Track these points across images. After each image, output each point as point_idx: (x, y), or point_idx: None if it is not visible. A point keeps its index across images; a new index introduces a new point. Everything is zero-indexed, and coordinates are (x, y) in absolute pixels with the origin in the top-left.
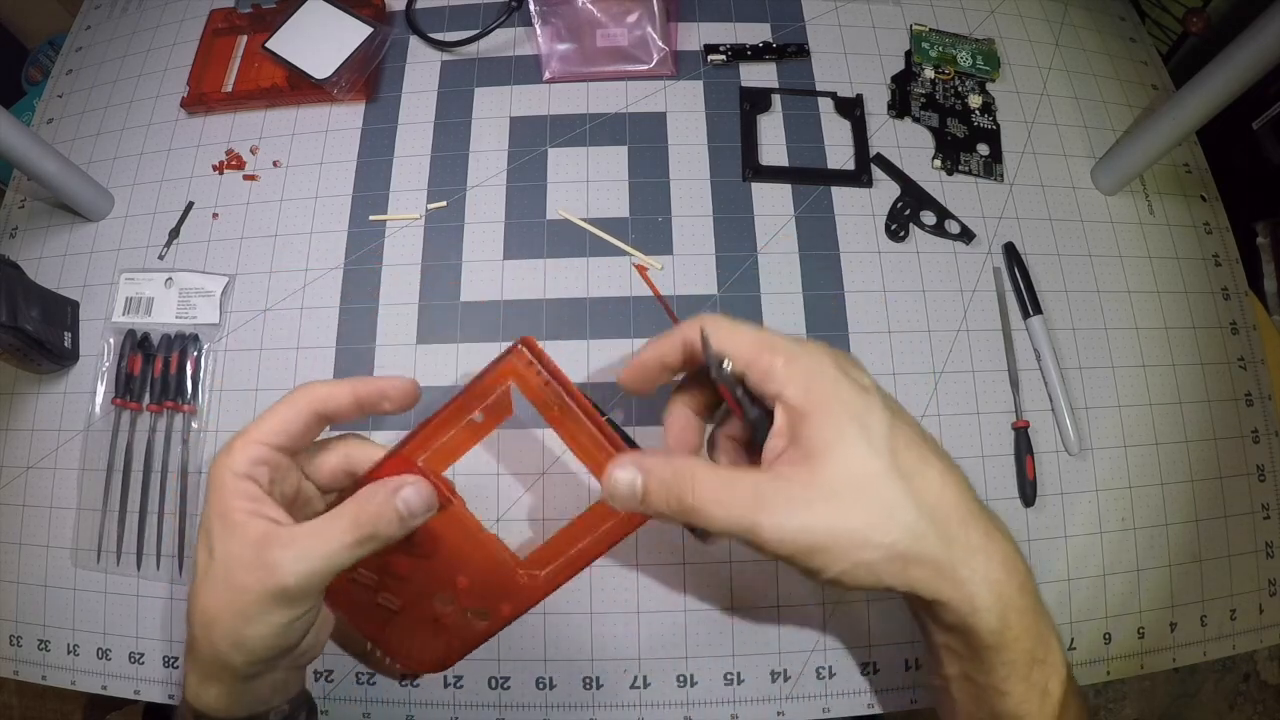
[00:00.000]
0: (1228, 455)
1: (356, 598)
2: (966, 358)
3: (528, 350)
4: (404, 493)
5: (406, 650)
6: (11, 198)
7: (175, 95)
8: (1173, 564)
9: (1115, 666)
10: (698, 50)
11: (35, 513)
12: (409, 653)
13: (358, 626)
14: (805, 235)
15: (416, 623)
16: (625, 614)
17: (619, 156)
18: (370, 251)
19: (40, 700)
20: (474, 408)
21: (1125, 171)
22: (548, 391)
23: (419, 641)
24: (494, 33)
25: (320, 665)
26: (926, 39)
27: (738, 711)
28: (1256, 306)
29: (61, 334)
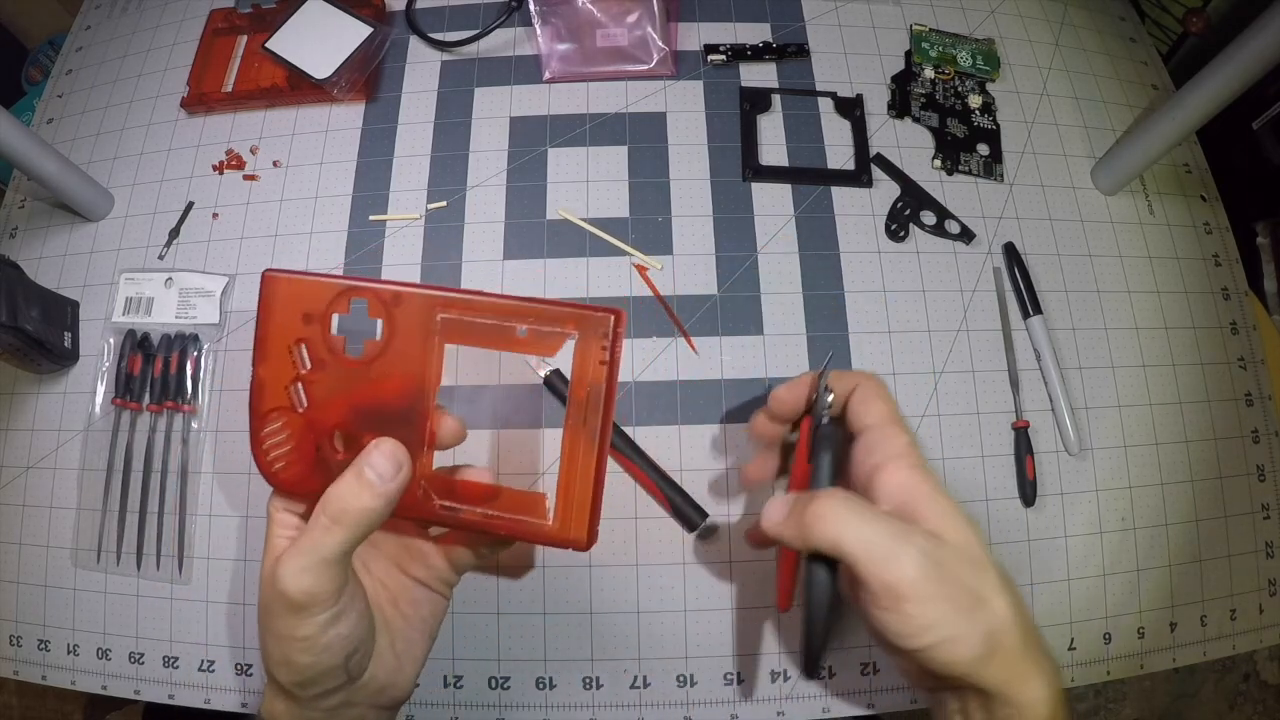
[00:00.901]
0: (1228, 455)
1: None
2: (966, 358)
3: (614, 325)
4: (371, 458)
5: (268, 452)
6: (11, 198)
7: (175, 95)
8: (1173, 564)
9: (1115, 666)
10: (698, 50)
11: (35, 513)
12: (269, 458)
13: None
14: (805, 235)
15: (300, 437)
16: (625, 614)
17: (619, 156)
18: (370, 251)
19: (40, 700)
20: (528, 320)
21: (1125, 171)
22: (595, 372)
23: (288, 460)
24: (494, 33)
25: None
26: (926, 39)
27: (738, 711)
28: (1256, 306)
29: (61, 334)
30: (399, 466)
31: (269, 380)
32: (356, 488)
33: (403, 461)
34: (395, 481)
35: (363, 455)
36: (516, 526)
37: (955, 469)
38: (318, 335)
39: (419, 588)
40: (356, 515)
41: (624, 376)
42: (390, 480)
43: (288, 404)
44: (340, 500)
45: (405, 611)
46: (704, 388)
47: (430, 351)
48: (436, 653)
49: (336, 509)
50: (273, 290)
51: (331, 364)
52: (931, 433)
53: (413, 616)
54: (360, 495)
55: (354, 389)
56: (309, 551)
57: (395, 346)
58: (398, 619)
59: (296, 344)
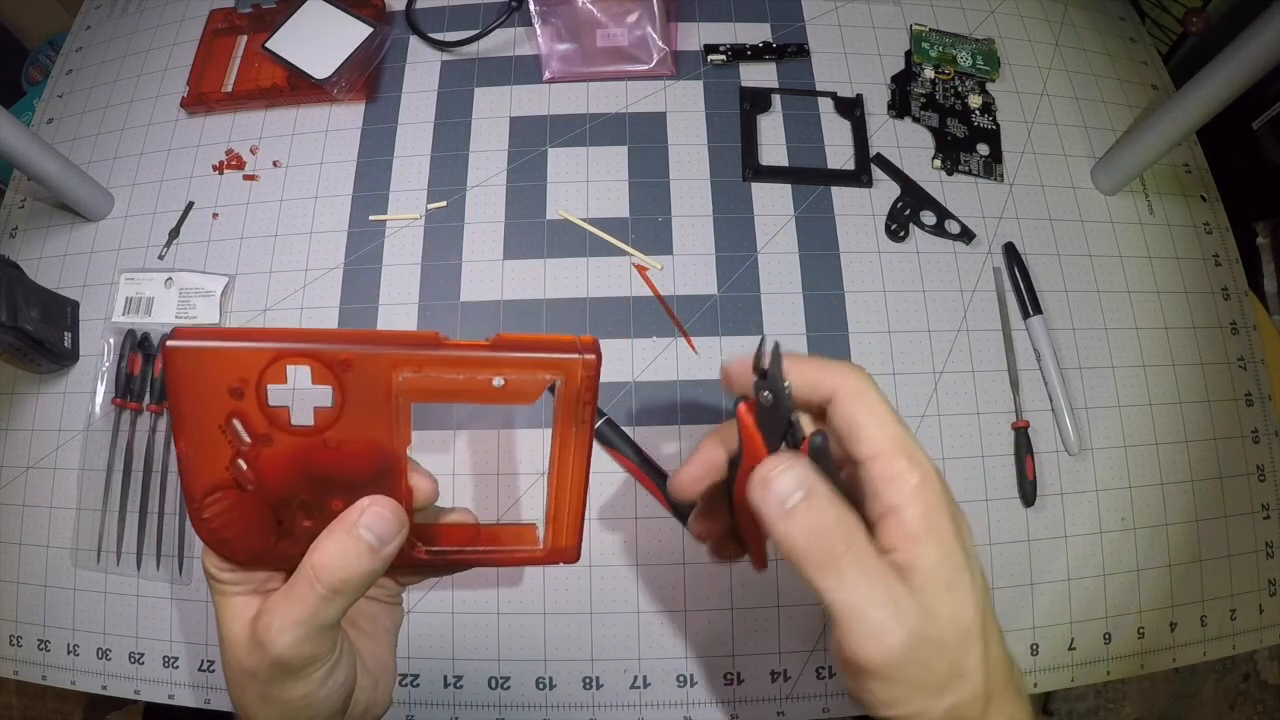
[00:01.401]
0: (1228, 455)
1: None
2: (966, 358)
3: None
4: (366, 520)
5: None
6: (11, 198)
7: (175, 95)
8: (1173, 564)
9: (1115, 666)
10: (698, 50)
11: (35, 513)
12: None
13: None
14: (805, 235)
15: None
16: (625, 614)
17: (619, 156)
18: (370, 251)
19: (40, 700)
20: (503, 371)
21: (1125, 171)
22: (581, 411)
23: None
24: (494, 33)
25: None
26: (926, 39)
27: (738, 711)
28: (1256, 306)
29: (61, 334)
30: (400, 526)
31: (201, 458)
32: (355, 553)
33: (403, 521)
34: (395, 544)
35: (352, 518)
36: (508, 557)
37: (955, 469)
38: (253, 408)
39: (372, 602)
40: (359, 582)
41: (624, 376)
42: (391, 542)
43: (230, 482)
44: (342, 569)
45: (366, 629)
46: (704, 388)
47: (394, 413)
48: (436, 653)
49: (338, 578)
50: (179, 366)
51: (278, 436)
52: (931, 433)
53: (375, 631)
54: (361, 560)
55: (311, 457)
56: (308, 621)
57: (351, 411)
58: (364, 640)
59: (228, 421)
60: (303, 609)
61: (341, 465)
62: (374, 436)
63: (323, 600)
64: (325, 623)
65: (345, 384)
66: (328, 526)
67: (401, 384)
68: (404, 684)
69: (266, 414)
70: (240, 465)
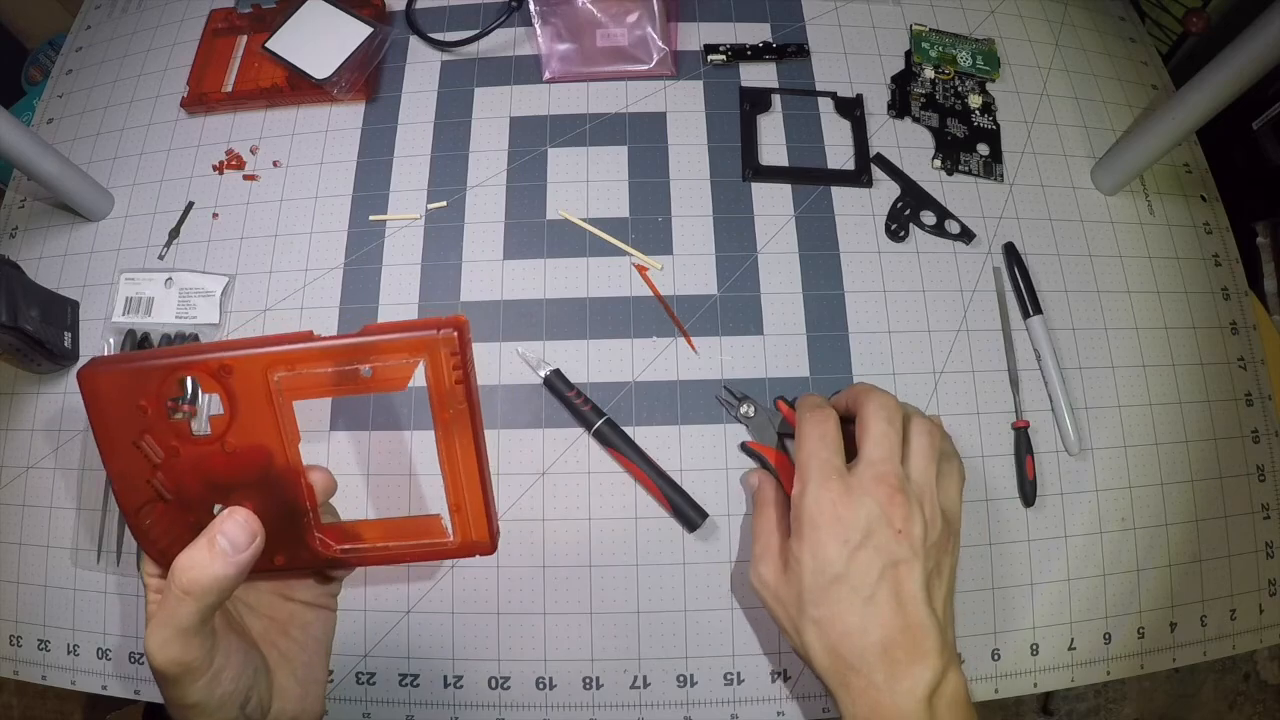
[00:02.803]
0: (1228, 455)
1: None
2: (966, 358)
3: (458, 336)
4: (224, 527)
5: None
6: (11, 198)
7: (175, 95)
8: (1173, 564)
9: (1115, 666)
10: (698, 50)
11: (35, 513)
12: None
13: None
14: (805, 235)
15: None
16: (625, 614)
17: (619, 156)
18: (370, 251)
19: (40, 700)
20: (369, 359)
21: (1125, 171)
22: (453, 391)
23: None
24: (494, 33)
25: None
26: (926, 39)
27: (738, 711)
28: (1256, 306)
29: (61, 334)
30: (253, 535)
31: (126, 477)
32: (208, 558)
33: (256, 531)
34: (249, 551)
35: (215, 524)
36: (421, 552)
37: None
38: (159, 423)
39: (306, 609)
40: (208, 585)
41: (624, 376)
42: (244, 550)
43: (154, 496)
44: (191, 570)
45: (297, 637)
46: (704, 388)
47: (278, 411)
48: (436, 653)
49: (187, 579)
50: (92, 389)
51: (184, 448)
52: None
53: (305, 639)
54: (212, 564)
55: (214, 466)
56: (167, 623)
57: (241, 415)
58: (293, 647)
59: (141, 437)
60: (164, 611)
61: (241, 469)
62: (265, 438)
63: (177, 602)
64: (184, 626)
65: (231, 390)
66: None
67: (278, 383)
68: (404, 684)
69: (169, 427)
70: (157, 479)
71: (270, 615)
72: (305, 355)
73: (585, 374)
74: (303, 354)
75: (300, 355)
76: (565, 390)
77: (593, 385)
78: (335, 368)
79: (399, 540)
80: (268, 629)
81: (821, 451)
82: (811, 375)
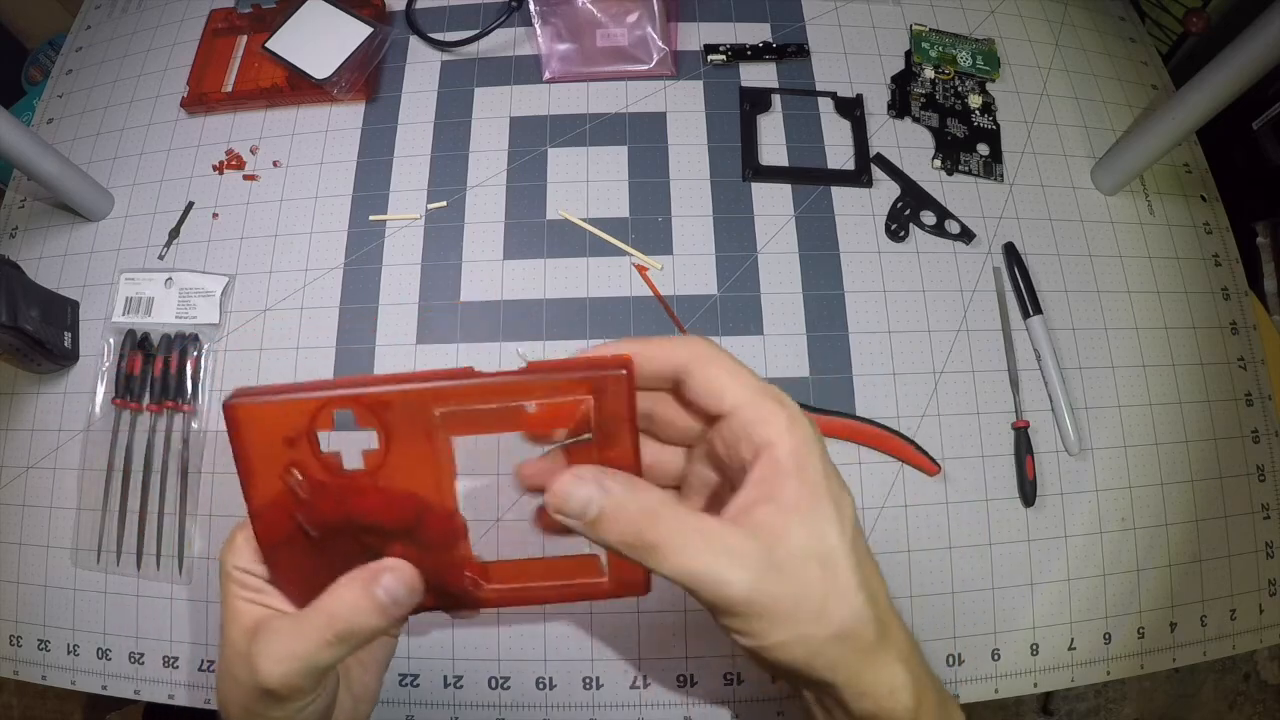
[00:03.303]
0: (1228, 455)
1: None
2: (966, 358)
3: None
4: (384, 580)
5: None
6: (11, 198)
7: (175, 95)
8: (1173, 564)
9: (1115, 666)
10: (698, 50)
11: (35, 513)
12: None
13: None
14: (805, 235)
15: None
16: (625, 614)
17: (619, 156)
18: (370, 251)
19: (40, 700)
20: (535, 396)
21: (1125, 171)
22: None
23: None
24: (494, 33)
25: None
26: (926, 39)
27: (737, 711)
28: (1256, 306)
29: (61, 334)
30: (413, 592)
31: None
32: (367, 608)
33: (418, 588)
34: (406, 607)
35: (374, 571)
36: (572, 592)
37: (955, 469)
38: (307, 456)
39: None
40: (364, 636)
41: None
42: (403, 605)
43: (294, 530)
44: (349, 621)
45: (361, 658)
46: None
47: (437, 447)
48: (436, 653)
49: (344, 629)
50: (239, 422)
51: (332, 482)
52: (931, 433)
53: (368, 661)
54: (370, 617)
55: (363, 501)
56: (304, 658)
57: (397, 450)
58: (355, 666)
59: (287, 470)
60: (304, 646)
61: (392, 505)
62: (419, 474)
63: (325, 645)
64: (321, 665)
65: (388, 425)
66: (349, 574)
67: (439, 419)
68: (404, 684)
69: (320, 460)
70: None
71: None
72: (473, 391)
73: None
74: (470, 390)
75: (468, 391)
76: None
77: None
78: (501, 404)
79: (551, 580)
80: None
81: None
82: (811, 375)
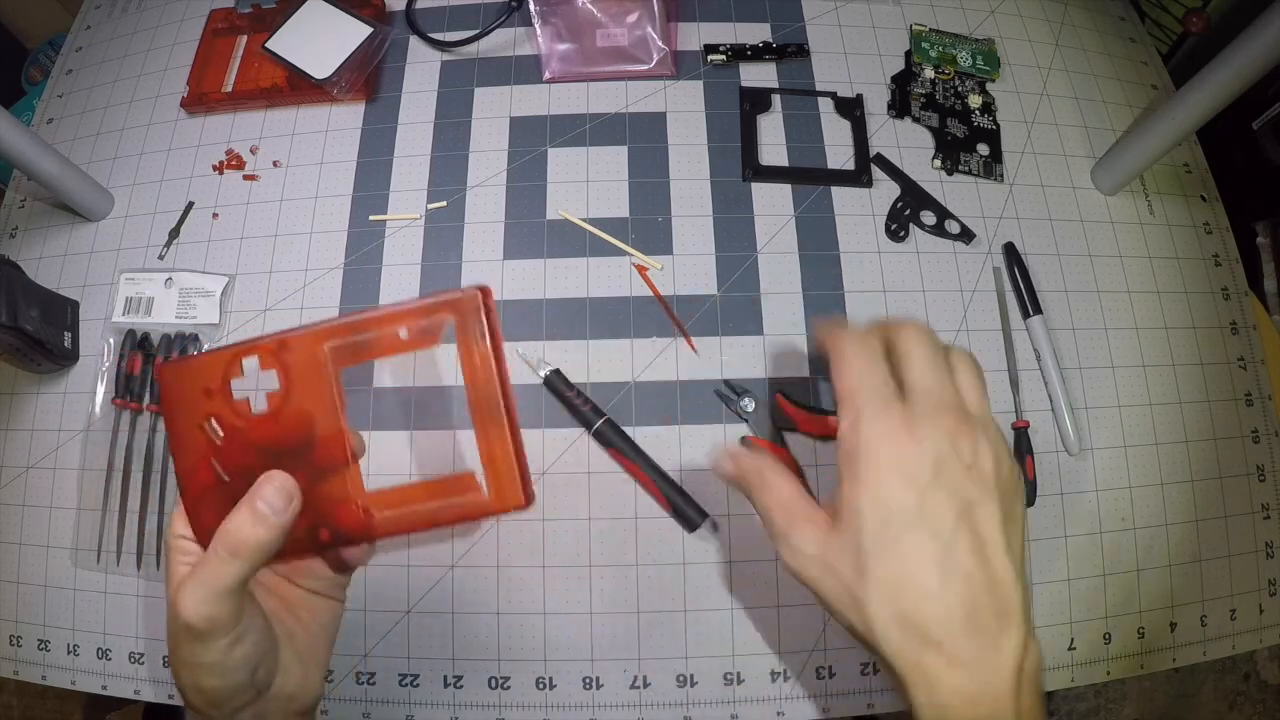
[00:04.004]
0: (1228, 455)
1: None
2: None
3: (482, 298)
4: (263, 492)
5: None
6: (11, 198)
7: (175, 95)
8: (1173, 564)
9: (1115, 666)
10: (698, 50)
11: (35, 513)
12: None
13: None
14: (805, 235)
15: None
16: (625, 614)
17: (619, 156)
18: (370, 251)
19: (40, 700)
20: (405, 323)
21: (1125, 171)
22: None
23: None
24: (494, 33)
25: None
26: (926, 39)
27: (738, 711)
28: (1256, 306)
29: (61, 334)
30: (289, 498)
31: (190, 462)
32: (251, 521)
33: (292, 493)
34: (287, 513)
35: (254, 489)
36: (459, 511)
37: None
38: (222, 405)
39: (314, 597)
40: (253, 547)
41: (624, 376)
42: (282, 512)
43: (213, 479)
44: (237, 534)
45: (304, 619)
46: (704, 388)
47: (327, 381)
48: (436, 653)
49: (233, 542)
50: (167, 380)
51: (243, 426)
52: None
53: (311, 624)
54: (255, 528)
55: (265, 436)
56: (208, 583)
57: (295, 389)
58: (298, 627)
59: (206, 420)
60: (207, 573)
61: (288, 435)
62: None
63: (220, 563)
64: (224, 586)
65: (287, 365)
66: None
67: (327, 354)
68: (404, 684)
69: (232, 407)
70: (216, 460)
71: (282, 595)
72: (354, 324)
73: (585, 374)
74: (352, 323)
75: (349, 325)
76: (565, 390)
77: (593, 385)
78: (377, 333)
79: (435, 501)
80: (276, 607)
81: (872, 375)
82: (811, 375)
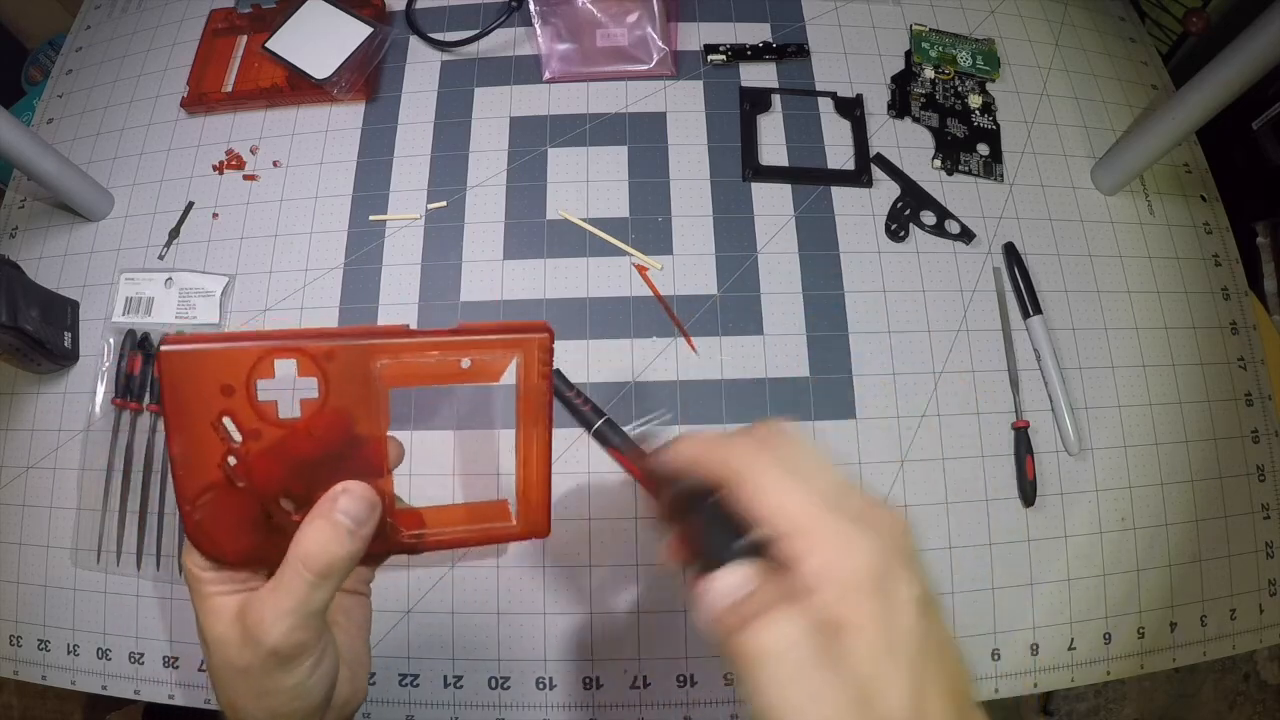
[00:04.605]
0: (1228, 455)
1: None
2: (966, 358)
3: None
4: (341, 504)
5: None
6: (11, 198)
7: (175, 95)
8: (1173, 564)
9: (1115, 666)
10: (698, 50)
11: (35, 513)
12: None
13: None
14: (805, 235)
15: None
16: (625, 614)
17: (619, 156)
18: (370, 251)
19: (40, 700)
20: (470, 353)
21: (1125, 171)
22: (537, 385)
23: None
24: (494, 33)
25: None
26: (926, 39)
27: (737, 712)
28: (1256, 306)
29: (61, 334)
30: (372, 507)
31: (193, 459)
32: (335, 536)
33: (375, 502)
34: (370, 524)
35: (329, 503)
36: (485, 535)
37: (955, 469)
38: (243, 405)
39: (347, 597)
40: (342, 565)
41: (624, 376)
42: (366, 523)
43: (222, 480)
44: (325, 554)
45: (342, 623)
46: (704, 388)
47: (374, 397)
48: (436, 653)
49: (324, 563)
50: (173, 368)
51: (266, 430)
52: (931, 433)
53: (349, 625)
54: (342, 544)
55: (296, 449)
56: (297, 608)
57: (334, 401)
58: (340, 634)
59: (219, 419)
60: (293, 598)
61: (323, 451)
62: (357, 419)
63: (311, 587)
64: (314, 609)
65: (329, 375)
66: (306, 517)
67: (379, 370)
68: (404, 684)
69: (256, 409)
70: (230, 462)
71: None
72: (413, 348)
73: (585, 374)
74: (411, 346)
75: (408, 347)
76: (565, 390)
77: (593, 385)
78: (439, 359)
79: (466, 525)
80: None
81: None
82: (811, 375)
